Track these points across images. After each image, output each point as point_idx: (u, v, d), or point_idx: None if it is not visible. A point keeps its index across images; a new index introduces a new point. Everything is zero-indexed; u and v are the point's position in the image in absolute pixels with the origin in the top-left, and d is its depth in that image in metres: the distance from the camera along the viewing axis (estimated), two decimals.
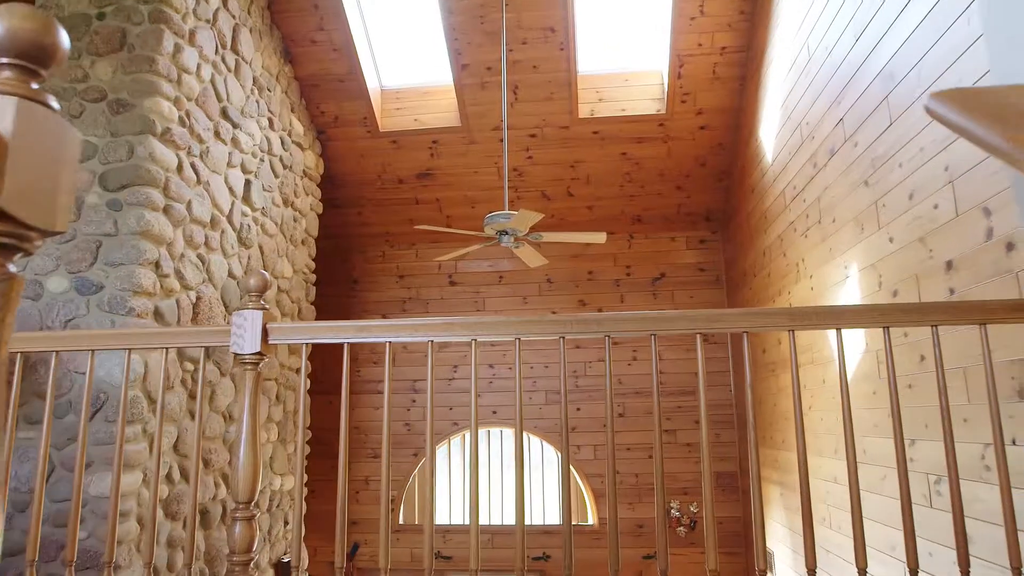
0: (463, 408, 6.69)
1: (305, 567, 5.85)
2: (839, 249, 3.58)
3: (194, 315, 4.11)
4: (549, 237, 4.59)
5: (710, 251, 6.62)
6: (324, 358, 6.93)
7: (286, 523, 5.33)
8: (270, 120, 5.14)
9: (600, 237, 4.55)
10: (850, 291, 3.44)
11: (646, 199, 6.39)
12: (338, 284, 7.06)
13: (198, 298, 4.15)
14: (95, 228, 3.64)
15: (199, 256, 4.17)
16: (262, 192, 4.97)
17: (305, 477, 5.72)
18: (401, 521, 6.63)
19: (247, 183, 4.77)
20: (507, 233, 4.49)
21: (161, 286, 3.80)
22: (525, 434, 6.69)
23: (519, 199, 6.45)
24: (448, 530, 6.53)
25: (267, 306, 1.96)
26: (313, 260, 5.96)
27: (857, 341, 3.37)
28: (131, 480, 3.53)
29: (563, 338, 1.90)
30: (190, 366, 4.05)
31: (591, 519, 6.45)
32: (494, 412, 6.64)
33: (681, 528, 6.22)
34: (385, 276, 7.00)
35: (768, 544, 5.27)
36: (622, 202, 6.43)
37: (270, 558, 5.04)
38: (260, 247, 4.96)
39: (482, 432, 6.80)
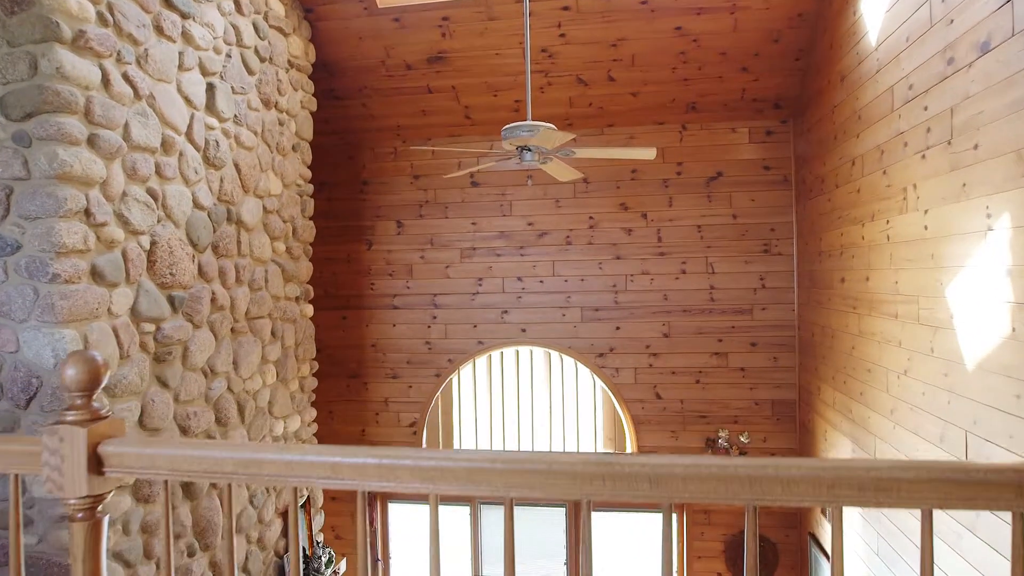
0: (488, 325, 6.02)
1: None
2: (979, 188, 2.61)
3: (150, 264, 3.39)
4: (583, 153, 3.66)
5: (778, 145, 5.55)
6: (336, 270, 6.26)
7: None
8: (236, 2, 4.13)
9: (649, 153, 3.60)
10: (994, 251, 2.52)
11: (704, 83, 5.27)
12: (346, 186, 6.23)
13: (153, 243, 3.40)
14: (1, 171, 2.86)
15: (149, 191, 3.38)
16: (231, 97, 4.07)
17: (313, 413, 5.22)
18: (424, 445, 6.20)
19: (210, 88, 3.86)
20: (530, 149, 3.58)
21: (97, 238, 3.06)
22: (557, 354, 6.05)
23: (549, 85, 5.39)
24: None
25: (103, 409, 1.20)
26: (309, 167, 5.11)
27: (1000, 317, 2.50)
28: None
29: (589, 502, 1.11)
30: (149, 326, 3.38)
31: (629, 447, 5.91)
32: (523, 330, 5.97)
33: None
34: (398, 176, 6.14)
35: None
36: (674, 87, 5.33)
37: (276, 507, 4.63)
38: (235, 164, 4.12)
39: (509, 351, 6.17)
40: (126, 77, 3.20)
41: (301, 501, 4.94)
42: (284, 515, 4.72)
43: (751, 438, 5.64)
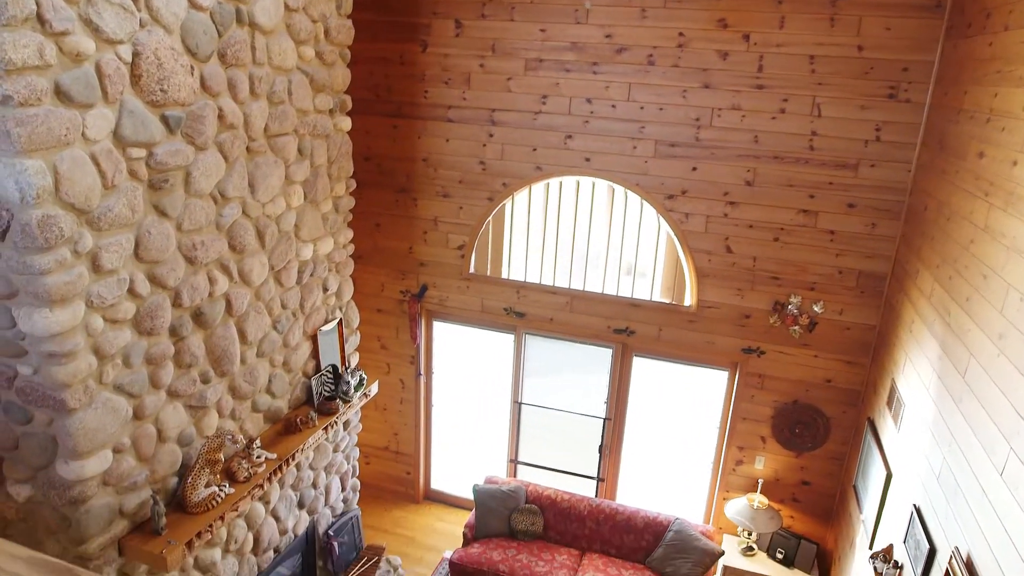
0: (549, 150, 5.38)
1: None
2: None
3: (133, 79, 2.92)
4: None
5: None
6: (388, 72, 5.61)
7: (325, 289, 4.70)
8: None
9: None
10: None
11: None
12: None
13: (136, 54, 2.90)
14: None
15: None
16: None
17: (350, 234, 4.91)
18: (472, 270, 5.91)
19: None
20: None
21: (59, 50, 2.58)
22: (622, 190, 5.42)
23: None
24: (522, 286, 5.77)
25: None
26: None
27: None
28: (68, 316, 2.80)
29: None
30: (138, 151, 3.00)
31: (689, 300, 5.44)
32: (587, 159, 5.32)
33: (796, 328, 5.13)
34: None
35: (901, 391, 4.15)
36: None
37: (304, 330, 4.52)
38: None
39: (569, 181, 5.58)
40: None
41: (334, 322, 4.83)
42: (313, 337, 4.62)
43: (826, 308, 5.05)
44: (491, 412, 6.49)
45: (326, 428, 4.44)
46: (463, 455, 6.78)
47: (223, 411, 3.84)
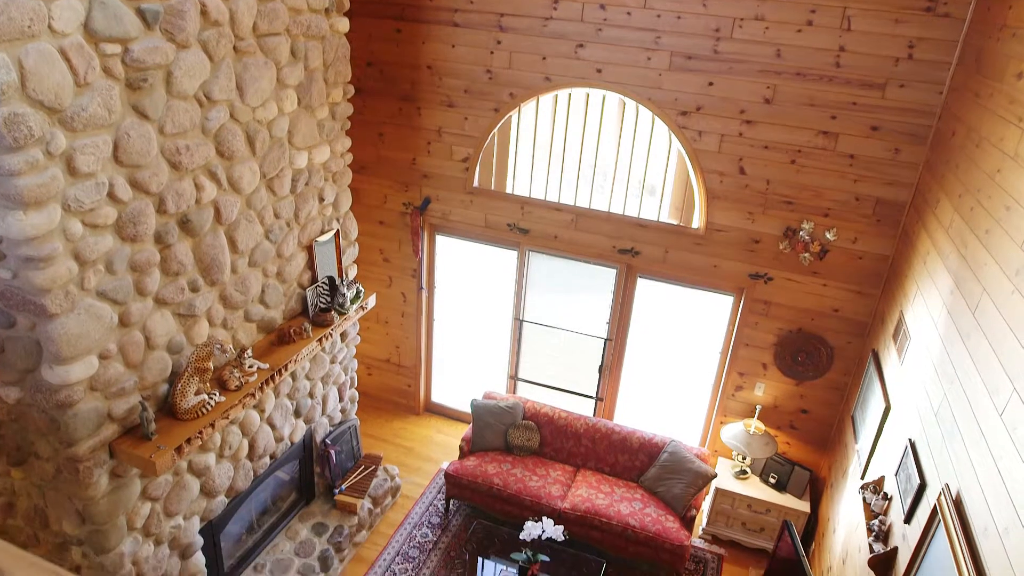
0: (558, 59, 5.10)
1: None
2: None
3: None
4: None
5: None
6: None
7: (321, 199, 4.57)
8: None
9: None
10: None
11: None
12: None
13: None
14: None
15: None
16: None
17: (347, 142, 4.73)
18: (476, 184, 5.74)
19: None
20: None
21: None
22: (633, 104, 5.16)
23: None
24: (527, 202, 5.61)
25: None
26: None
27: None
28: (44, 220, 2.71)
29: None
30: (113, 47, 2.82)
31: (697, 222, 5.27)
32: (598, 71, 5.04)
33: (807, 255, 4.96)
34: None
35: (909, 325, 4.03)
36: None
37: (299, 240, 4.42)
38: None
39: (578, 93, 5.32)
40: None
41: (330, 233, 4.73)
42: (308, 248, 4.53)
43: (839, 236, 4.87)
44: (492, 328, 6.46)
45: (321, 340, 4.42)
46: (464, 370, 6.81)
47: (214, 320, 3.80)
